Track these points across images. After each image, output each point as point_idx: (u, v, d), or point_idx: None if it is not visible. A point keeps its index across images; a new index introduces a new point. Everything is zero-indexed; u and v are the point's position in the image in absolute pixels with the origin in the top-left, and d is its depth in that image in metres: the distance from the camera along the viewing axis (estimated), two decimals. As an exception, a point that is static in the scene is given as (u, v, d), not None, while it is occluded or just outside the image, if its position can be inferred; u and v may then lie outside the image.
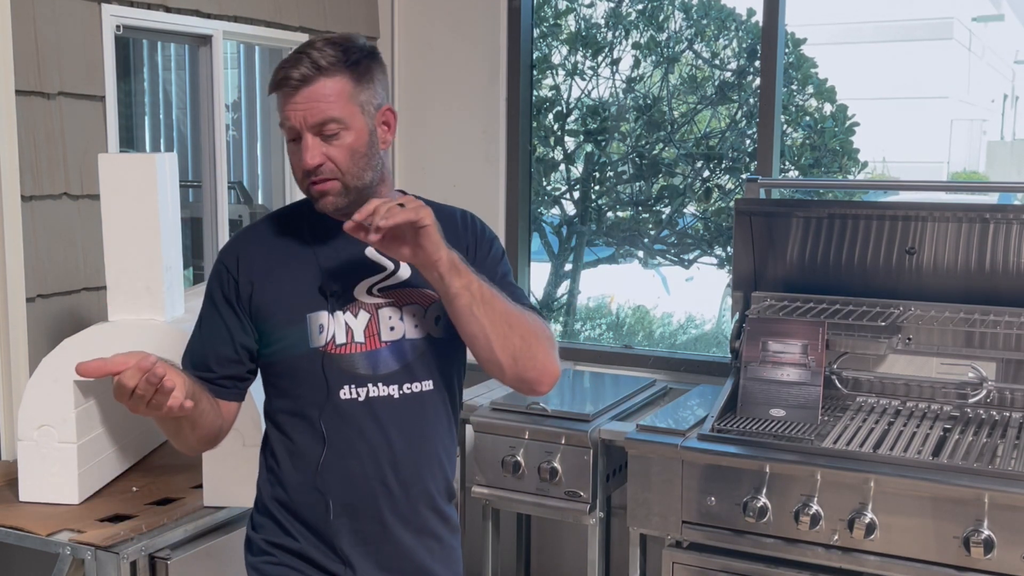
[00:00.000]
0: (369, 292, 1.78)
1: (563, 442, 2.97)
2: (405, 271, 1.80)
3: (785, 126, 4.58)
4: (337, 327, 1.75)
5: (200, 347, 1.83)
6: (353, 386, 1.75)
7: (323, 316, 1.75)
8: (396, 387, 1.77)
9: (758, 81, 3.49)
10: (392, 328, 1.77)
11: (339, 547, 1.77)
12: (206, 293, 1.85)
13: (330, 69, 1.70)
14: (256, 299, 1.78)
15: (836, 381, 3.03)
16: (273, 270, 1.79)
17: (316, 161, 1.70)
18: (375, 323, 1.77)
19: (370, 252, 1.78)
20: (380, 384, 1.76)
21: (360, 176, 1.74)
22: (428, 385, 1.79)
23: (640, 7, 4.54)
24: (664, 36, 4.53)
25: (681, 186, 4.49)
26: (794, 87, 4.64)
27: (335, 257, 1.79)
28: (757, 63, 3.72)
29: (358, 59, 1.73)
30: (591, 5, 4.61)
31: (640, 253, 4.73)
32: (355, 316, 1.76)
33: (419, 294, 1.79)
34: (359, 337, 1.76)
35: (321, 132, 1.70)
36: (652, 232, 4.66)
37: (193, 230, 3.68)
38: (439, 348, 1.80)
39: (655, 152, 4.48)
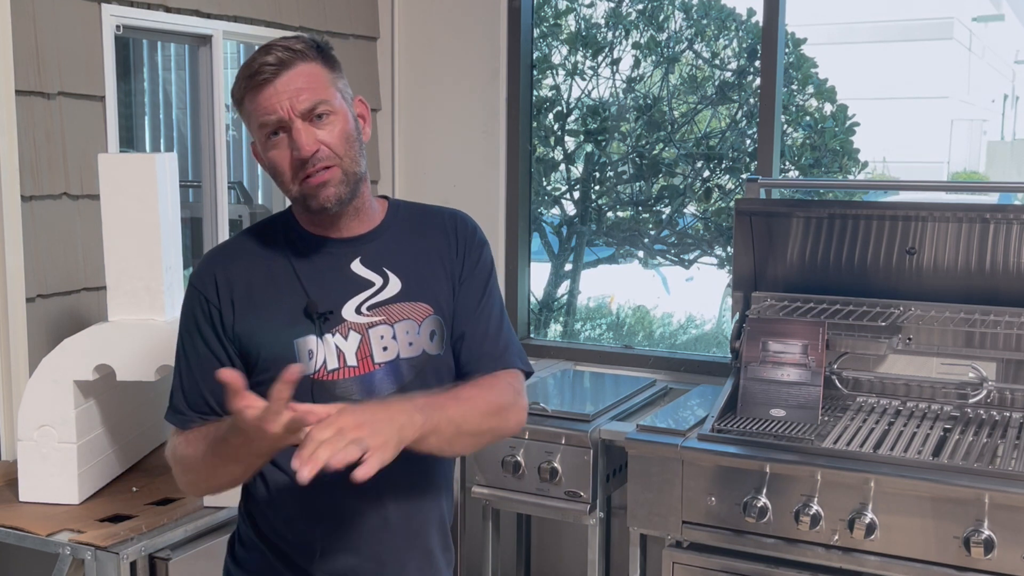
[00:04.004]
0: (358, 311, 1.66)
1: (563, 442, 2.97)
2: (395, 285, 1.69)
3: (785, 126, 4.58)
4: (327, 351, 1.63)
5: (193, 386, 1.67)
6: None
7: (311, 341, 1.63)
8: None
9: (758, 81, 3.49)
10: (385, 348, 1.65)
11: None
12: (184, 324, 1.70)
13: (305, 54, 1.60)
14: (239, 327, 1.65)
15: (836, 381, 3.03)
16: (253, 293, 1.66)
17: (313, 147, 1.58)
18: (367, 344, 1.65)
19: (355, 267, 1.68)
20: None
21: (357, 162, 1.63)
22: None
23: (640, 7, 4.54)
24: (664, 36, 4.53)
25: (681, 186, 4.49)
26: (794, 87, 4.64)
27: (318, 275, 1.66)
28: (757, 63, 3.72)
29: (324, 50, 1.64)
30: (591, 5, 4.61)
31: (640, 253, 4.73)
32: (345, 338, 1.64)
33: (412, 309, 1.68)
34: (351, 360, 1.64)
35: (311, 116, 1.58)
36: (652, 232, 4.66)
37: (193, 230, 3.68)
38: (436, 365, 1.69)
39: (655, 152, 4.48)
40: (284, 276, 1.67)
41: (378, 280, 1.69)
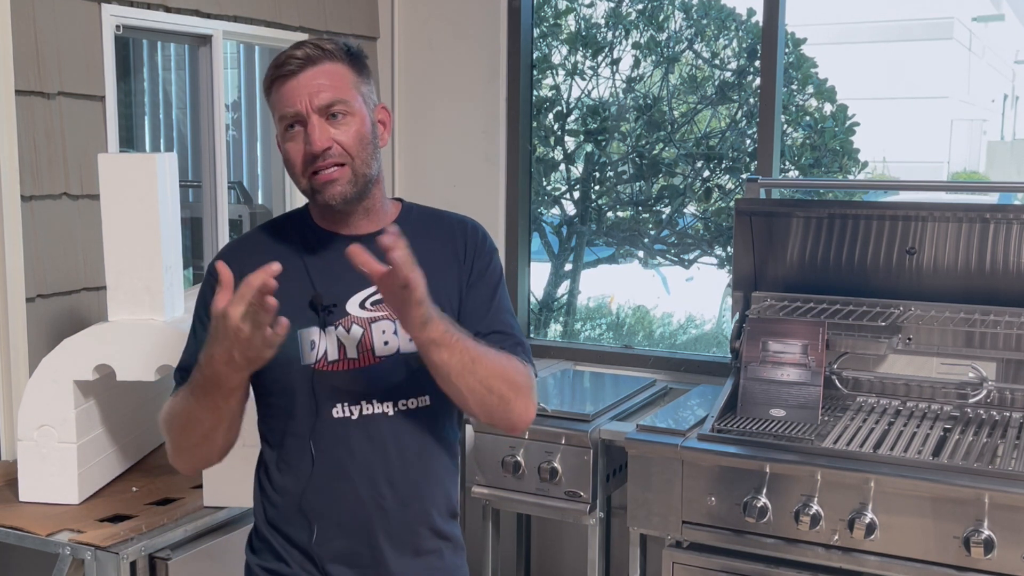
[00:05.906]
0: (362, 306, 1.71)
1: (563, 442, 2.97)
2: None
3: (785, 126, 4.58)
4: (329, 343, 1.68)
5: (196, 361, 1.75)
6: (346, 404, 1.69)
7: (314, 332, 1.68)
8: (391, 404, 1.70)
9: (758, 81, 3.49)
10: (387, 343, 1.70)
11: (328, 572, 1.71)
12: (198, 304, 1.78)
13: (333, 54, 1.67)
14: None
15: (836, 381, 3.03)
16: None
17: (325, 143, 1.64)
18: (369, 338, 1.69)
19: None
20: (375, 401, 1.69)
21: (368, 164, 1.69)
22: (425, 401, 1.72)
23: (640, 7, 4.54)
24: (664, 36, 4.53)
25: (681, 186, 4.49)
26: (794, 87, 4.64)
27: (327, 269, 1.72)
28: (757, 63, 3.72)
29: (356, 54, 1.71)
30: (591, 5, 4.61)
31: (640, 253, 4.73)
32: (347, 331, 1.69)
33: None
34: (352, 353, 1.69)
35: (327, 113, 1.65)
36: (652, 232, 4.66)
37: (193, 230, 3.68)
38: None
39: (655, 152, 4.48)
40: (293, 269, 1.71)
41: None
